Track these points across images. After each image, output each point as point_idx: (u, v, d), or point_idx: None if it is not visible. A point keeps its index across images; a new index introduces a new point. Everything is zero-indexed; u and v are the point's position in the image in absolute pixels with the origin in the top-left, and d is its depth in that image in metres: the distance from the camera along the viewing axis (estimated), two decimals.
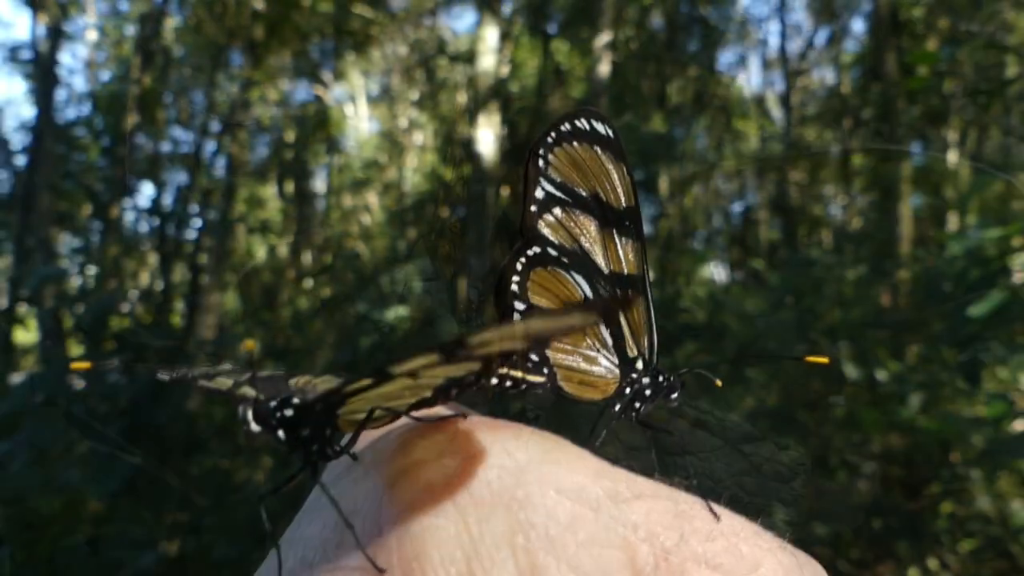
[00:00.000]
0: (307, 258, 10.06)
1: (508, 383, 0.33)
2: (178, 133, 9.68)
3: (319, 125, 10.52)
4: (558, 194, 0.34)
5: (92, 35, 9.97)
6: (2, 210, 6.71)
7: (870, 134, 8.55)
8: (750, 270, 9.42)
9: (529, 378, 0.34)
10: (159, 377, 0.28)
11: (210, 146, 7.61)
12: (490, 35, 4.68)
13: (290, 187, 10.99)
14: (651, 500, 0.22)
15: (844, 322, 2.81)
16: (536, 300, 0.34)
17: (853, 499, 2.47)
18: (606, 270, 0.35)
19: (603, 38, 5.38)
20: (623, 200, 0.35)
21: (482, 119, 4.60)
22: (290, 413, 0.26)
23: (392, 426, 0.28)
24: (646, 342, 0.35)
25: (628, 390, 0.35)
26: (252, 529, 1.82)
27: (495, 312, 0.35)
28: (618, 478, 0.23)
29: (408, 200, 11.03)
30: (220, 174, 7.27)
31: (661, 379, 0.35)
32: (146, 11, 6.65)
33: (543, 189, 0.34)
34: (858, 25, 15.23)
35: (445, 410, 0.28)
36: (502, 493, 0.20)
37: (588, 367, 0.35)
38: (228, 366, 0.29)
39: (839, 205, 10.56)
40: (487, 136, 4.61)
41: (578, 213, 0.35)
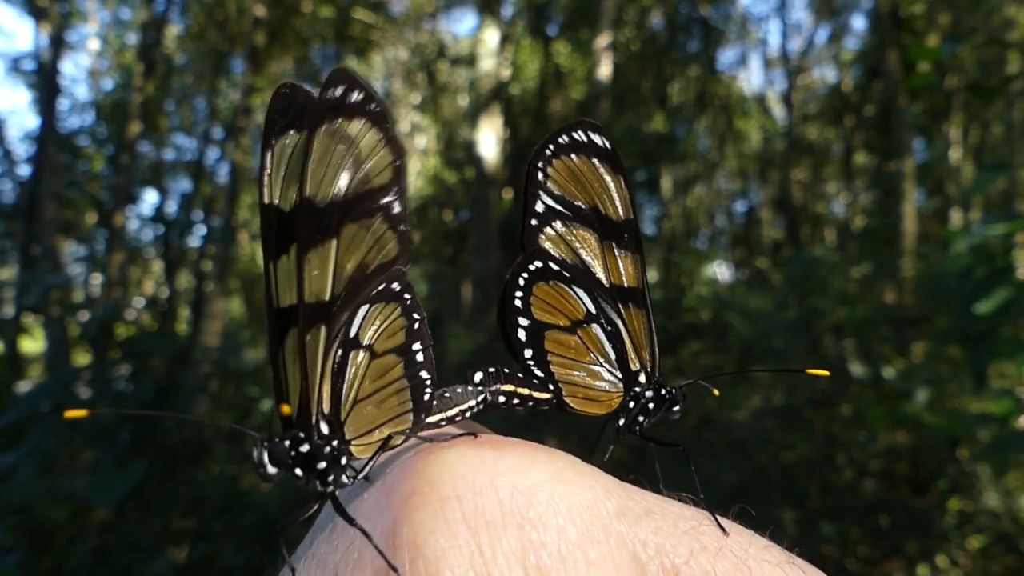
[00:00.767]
0: None
1: (516, 400, 0.34)
2: (181, 140, 9.74)
3: None
4: (558, 207, 0.34)
5: (94, 44, 10.01)
6: (7, 219, 6.73)
7: (872, 131, 8.55)
8: (754, 269, 9.42)
9: (536, 395, 0.34)
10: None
11: (213, 153, 7.64)
12: (491, 38, 4.68)
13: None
14: (660, 517, 0.22)
15: (849, 320, 2.81)
16: (539, 315, 0.34)
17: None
18: (606, 283, 0.35)
19: (603, 39, 5.39)
20: (621, 212, 0.35)
21: (484, 122, 4.61)
22: (306, 449, 0.26)
23: (403, 447, 0.28)
24: (648, 355, 0.35)
25: (632, 404, 0.35)
26: (259, 535, 1.82)
27: (500, 328, 0.35)
28: (627, 495, 0.23)
29: (411, 203, 11.05)
30: (223, 181, 7.28)
31: (664, 392, 0.35)
32: (148, 19, 6.66)
33: (543, 202, 0.34)
34: (858, 23, 15.23)
35: (457, 429, 0.28)
36: (514, 512, 0.21)
37: (592, 382, 0.35)
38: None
39: (842, 203, 10.55)
40: (489, 139, 4.62)
41: (578, 226, 0.35)
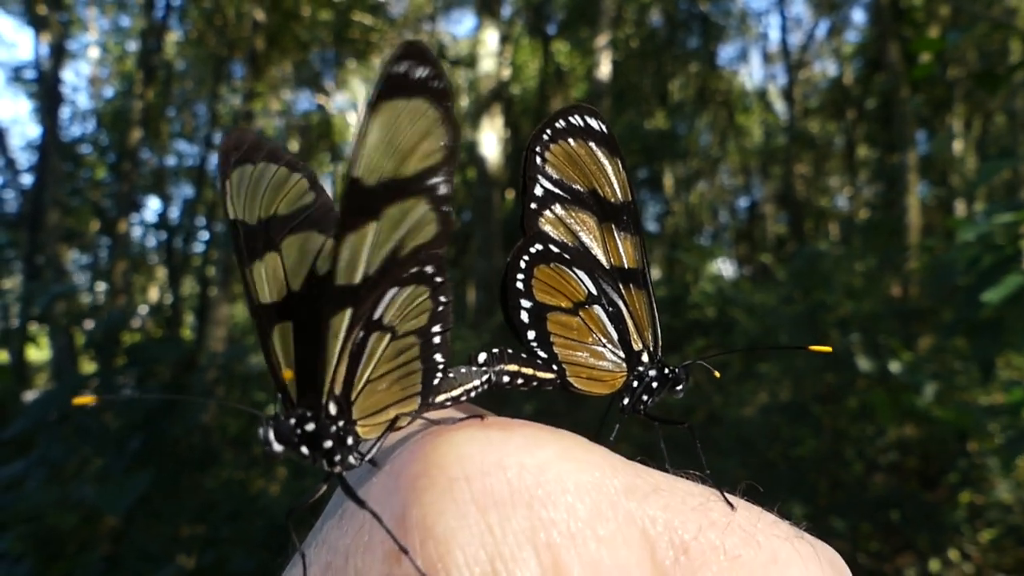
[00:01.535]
0: None
1: (520, 380, 0.34)
2: (182, 146, 9.76)
3: (322, 134, 10.57)
4: (556, 191, 0.34)
5: (95, 52, 10.04)
6: (11, 229, 6.75)
7: (874, 124, 8.54)
8: (758, 264, 9.41)
9: (540, 375, 0.34)
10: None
11: (215, 158, 7.65)
12: (490, 38, 4.68)
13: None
14: (668, 493, 0.22)
15: (855, 314, 2.80)
16: (541, 297, 0.34)
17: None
18: (607, 264, 0.35)
19: (603, 38, 5.38)
20: (619, 195, 0.35)
21: (485, 122, 4.61)
22: (311, 428, 0.26)
23: (409, 429, 0.27)
24: (650, 335, 0.36)
25: (636, 383, 0.35)
26: (268, 541, 1.82)
27: (502, 311, 0.35)
28: (635, 473, 0.23)
29: None
30: None
31: (667, 371, 0.35)
32: (147, 26, 6.68)
33: (541, 186, 0.34)
34: (858, 16, 15.22)
35: (462, 412, 0.28)
36: (522, 492, 0.21)
37: (596, 362, 0.35)
38: None
39: (845, 197, 10.54)
40: (490, 139, 4.62)
41: (577, 209, 0.35)
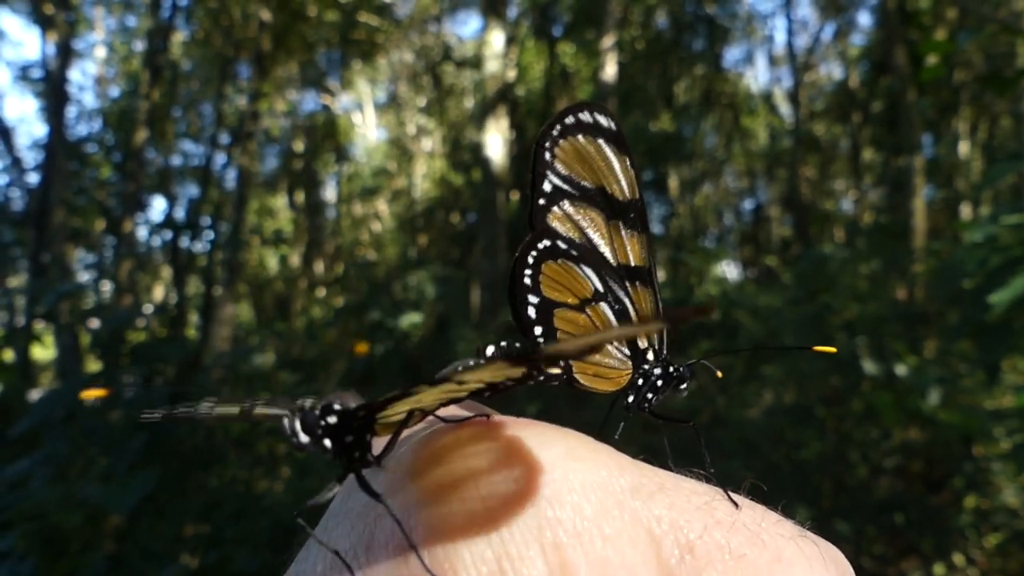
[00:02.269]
0: (319, 267, 10.10)
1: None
2: (188, 146, 9.78)
3: (328, 134, 10.58)
4: (565, 187, 0.35)
5: (101, 52, 10.07)
6: (17, 227, 6.77)
7: (879, 127, 8.52)
8: (763, 267, 9.39)
9: (547, 369, 0.34)
10: (200, 415, 0.28)
11: (220, 158, 7.66)
12: (496, 39, 4.69)
13: (300, 197, 11.05)
14: (673, 492, 0.23)
15: (861, 317, 2.80)
16: (548, 293, 0.34)
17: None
18: (613, 262, 0.35)
19: (609, 39, 5.38)
20: (627, 193, 0.35)
21: (490, 123, 4.61)
22: (334, 421, 0.26)
23: (416, 428, 0.28)
24: (655, 333, 0.36)
25: (641, 382, 0.35)
26: (272, 541, 1.83)
27: (510, 306, 0.35)
28: (640, 472, 0.23)
29: (418, 206, 11.08)
30: (231, 186, 7.31)
31: (672, 370, 0.35)
32: (154, 26, 6.69)
33: (550, 182, 0.34)
34: (864, 19, 15.19)
35: (468, 411, 0.28)
36: (529, 490, 0.21)
37: (601, 359, 0.35)
38: (234, 401, 0.29)
39: (851, 200, 10.52)
40: (495, 140, 4.62)
41: (585, 206, 0.35)
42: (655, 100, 9.59)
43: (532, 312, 0.34)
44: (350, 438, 0.26)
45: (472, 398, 0.26)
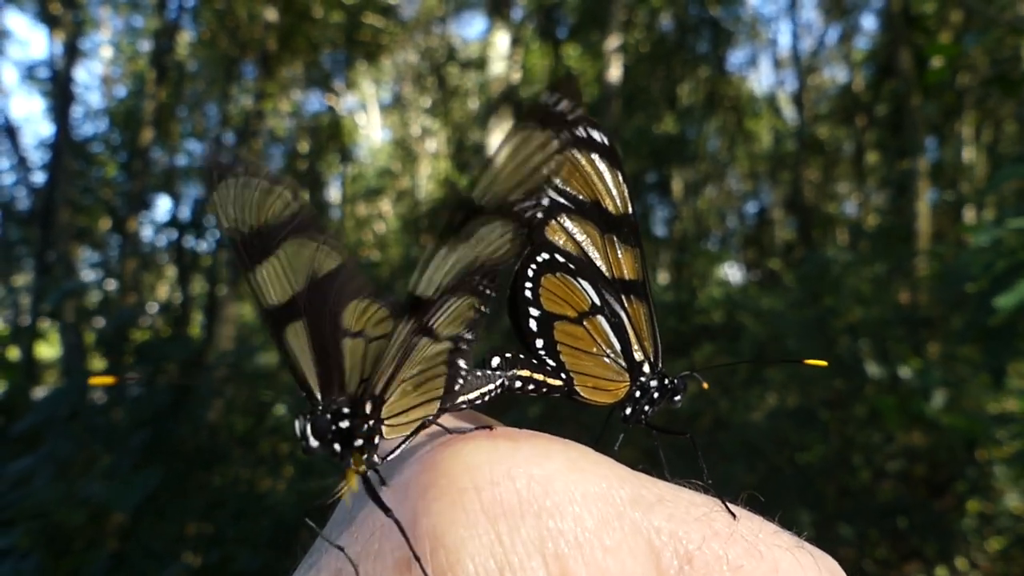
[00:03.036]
0: None
1: (531, 386, 0.34)
2: (193, 146, 9.79)
3: (332, 135, 10.58)
4: (562, 201, 0.35)
5: (107, 52, 10.09)
6: (23, 226, 6.79)
7: (883, 131, 8.50)
8: (766, 270, 9.38)
9: (550, 381, 0.35)
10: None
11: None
12: (501, 41, 4.69)
13: (305, 197, 11.05)
14: (672, 504, 0.23)
15: (864, 320, 2.79)
16: (548, 306, 0.35)
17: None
18: (609, 276, 0.36)
19: (613, 41, 5.38)
20: (620, 207, 0.35)
21: (494, 125, 4.61)
22: (345, 425, 0.27)
23: (419, 439, 0.28)
24: (650, 346, 0.36)
25: (638, 393, 0.36)
26: (274, 540, 1.83)
27: (510, 318, 0.35)
28: (640, 483, 0.23)
29: (422, 207, 11.07)
30: None
31: (667, 382, 0.36)
32: (160, 27, 6.70)
33: (548, 196, 0.35)
34: (869, 22, 15.16)
35: (472, 422, 0.29)
36: (531, 502, 0.21)
37: (600, 372, 0.35)
38: None
39: (854, 203, 10.50)
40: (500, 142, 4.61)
41: (581, 220, 0.35)
42: (659, 102, 9.58)
43: (534, 325, 0.35)
44: (360, 442, 0.27)
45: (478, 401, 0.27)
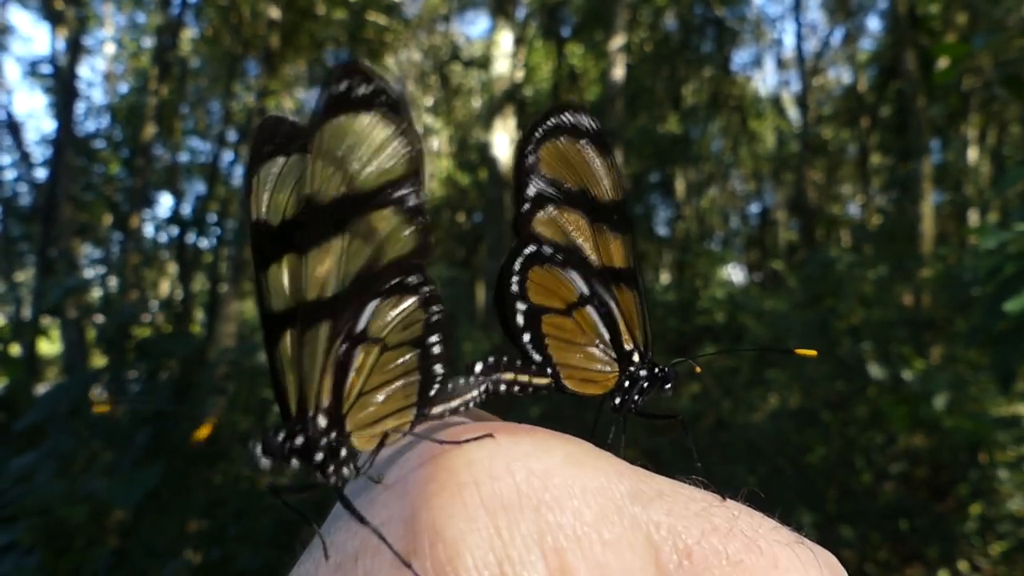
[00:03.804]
0: None
1: (516, 388, 0.34)
2: (196, 143, 9.81)
3: None
4: (549, 190, 0.34)
5: (110, 48, 10.11)
6: (25, 222, 6.80)
7: (887, 132, 8.49)
8: (768, 271, 9.38)
9: (535, 381, 0.34)
10: None
11: (227, 155, 7.68)
12: (504, 40, 4.69)
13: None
14: (671, 499, 0.23)
15: (867, 322, 2.79)
16: (535, 299, 0.34)
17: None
18: (598, 265, 0.35)
19: (617, 41, 5.38)
20: (610, 193, 0.35)
21: (497, 124, 4.61)
22: (300, 442, 0.27)
23: (415, 438, 0.28)
24: (640, 335, 0.36)
25: (627, 383, 0.36)
26: (275, 539, 1.83)
27: (497, 313, 0.35)
28: (639, 478, 0.23)
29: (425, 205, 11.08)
30: (238, 183, 7.32)
31: (656, 371, 0.36)
32: (163, 23, 6.72)
33: (534, 186, 0.34)
34: (874, 23, 15.15)
35: (471, 418, 0.29)
36: (530, 496, 0.21)
37: (589, 363, 0.35)
38: None
39: (857, 204, 10.49)
40: (502, 141, 4.62)
41: (569, 209, 0.35)
42: (663, 102, 9.58)
43: (521, 319, 0.34)
44: (320, 457, 0.26)
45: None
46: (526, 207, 0.34)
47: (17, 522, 1.49)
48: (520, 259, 0.34)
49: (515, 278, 0.34)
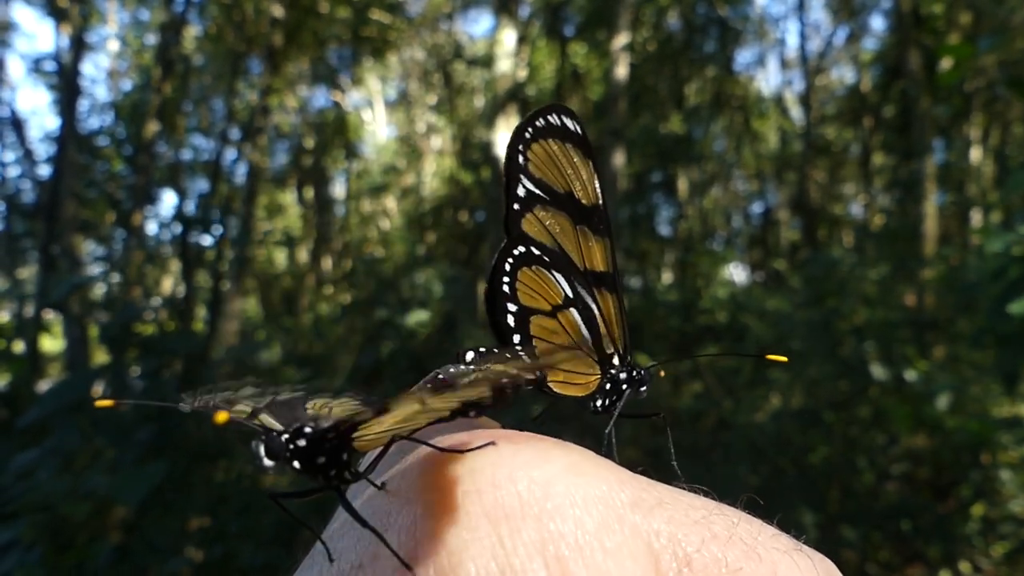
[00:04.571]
0: (327, 264, 10.12)
1: (505, 380, 0.34)
2: (199, 141, 9.81)
3: (337, 131, 10.59)
4: (537, 191, 0.34)
5: (114, 45, 10.11)
6: (28, 219, 6.81)
7: (890, 132, 8.48)
8: (771, 271, 9.36)
9: (524, 374, 0.34)
10: (181, 407, 0.29)
11: (230, 153, 7.68)
12: (507, 38, 4.68)
13: (309, 193, 11.07)
14: (671, 507, 0.23)
15: (870, 322, 2.79)
16: (524, 300, 0.35)
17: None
18: (580, 267, 0.35)
19: (620, 40, 5.37)
20: (592, 197, 0.35)
21: (500, 122, 4.60)
22: (303, 444, 0.26)
23: (420, 441, 0.28)
24: (620, 337, 0.36)
25: (609, 386, 0.36)
26: (277, 537, 1.83)
27: (487, 314, 0.35)
28: (639, 486, 0.23)
29: (427, 204, 11.08)
30: (241, 181, 7.32)
31: (635, 373, 0.36)
32: (166, 21, 6.71)
33: (524, 186, 0.34)
34: (877, 23, 15.11)
35: (470, 425, 0.29)
36: (532, 504, 0.21)
37: (572, 365, 0.35)
38: (250, 389, 0.29)
39: (860, 204, 10.47)
40: (505, 140, 4.60)
41: (554, 210, 0.35)
42: (665, 101, 9.56)
43: (511, 320, 0.35)
44: (322, 459, 0.26)
45: (456, 416, 0.26)
46: (516, 207, 0.34)
47: (19, 519, 1.50)
48: (510, 260, 0.34)
49: (506, 279, 0.34)
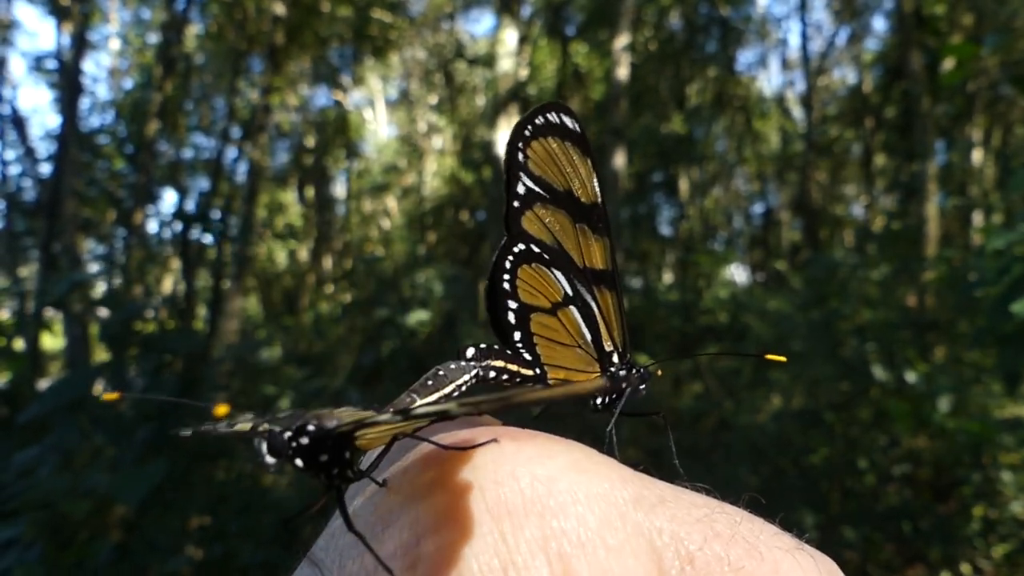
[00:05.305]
0: (328, 263, 10.13)
1: (505, 376, 0.34)
2: (200, 139, 9.81)
3: (339, 130, 10.59)
4: (537, 189, 0.35)
5: (115, 44, 10.12)
6: (29, 217, 6.81)
7: (892, 133, 8.48)
8: (772, 271, 9.36)
9: (524, 372, 0.34)
10: (182, 435, 0.29)
11: (231, 152, 7.68)
12: (509, 38, 4.68)
13: (310, 192, 11.08)
14: (674, 505, 0.23)
15: (871, 323, 2.79)
16: (525, 298, 0.35)
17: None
18: (580, 265, 0.35)
19: (622, 40, 5.37)
20: (591, 196, 0.35)
21: (501, 122, 4.60)
22: (306, 441, 0.26)
23: (416, 440, 0.28)
24: (619, 335, 0.36)
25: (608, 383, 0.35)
26: (277, 536, 1.83)
27: (488, 311, 0.35)
28: (642, 484, 0.23)
29: (427, 204, 11.08)
30: (241, 180, 7.32)
31: (634, 371, 0.36)
32: (168, 19, 6.72)
33: (524, 184, 0.34)
34: (879, 23, 15.11)
35: (473, 423, 0.28)
36: (535, 501, 0.21)
37: (572, 363, 0.35)
38: (249, 415, 0.29)
39: (861, 205, 10.47)
40: (506, 139, 4.61)
41: (554, 208, 0.35)
42: (667, 101, 9.56)
43: (512, 318, 0.35)
44: (324, 457, 0.26)
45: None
46: (516, 204, 0.34)
47: (19, 516, 1.50)
48: (510, 257, 0.34)
49: (507, 276, 0.34)
